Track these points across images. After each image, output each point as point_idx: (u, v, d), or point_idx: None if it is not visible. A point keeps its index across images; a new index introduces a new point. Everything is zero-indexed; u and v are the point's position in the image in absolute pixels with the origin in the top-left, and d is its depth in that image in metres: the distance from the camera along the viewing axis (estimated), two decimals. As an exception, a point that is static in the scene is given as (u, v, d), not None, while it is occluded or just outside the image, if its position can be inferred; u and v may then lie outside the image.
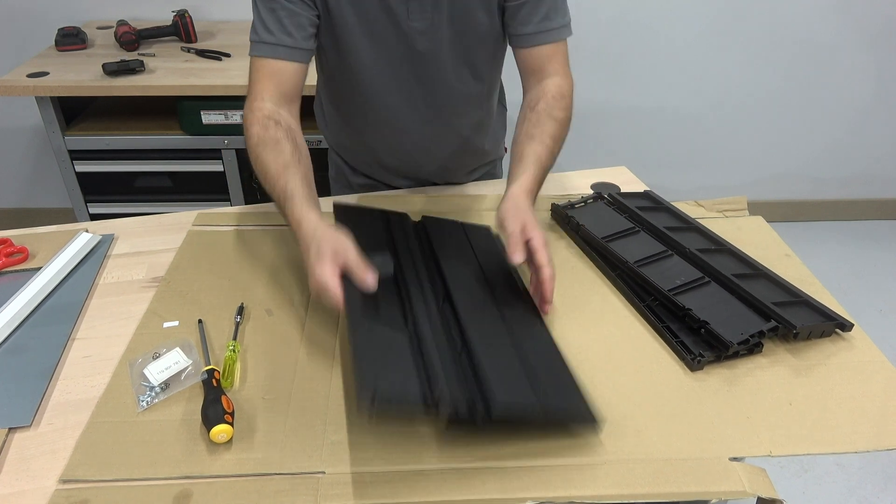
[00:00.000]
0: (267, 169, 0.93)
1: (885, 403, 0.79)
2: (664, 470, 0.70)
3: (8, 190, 2.51)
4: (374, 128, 1.17)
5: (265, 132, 0.96)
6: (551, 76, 1.06)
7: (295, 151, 0.95)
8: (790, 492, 1.68)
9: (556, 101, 1.04)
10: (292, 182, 0.90)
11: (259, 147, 0.95)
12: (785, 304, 0.89)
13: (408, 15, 1.00)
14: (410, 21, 1.01)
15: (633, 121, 2.47)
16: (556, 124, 1.02)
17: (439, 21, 1.02)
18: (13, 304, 0.91)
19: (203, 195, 1.95)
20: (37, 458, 0.71)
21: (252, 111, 0.98)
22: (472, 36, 1.05)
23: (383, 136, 1.18)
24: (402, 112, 1.13)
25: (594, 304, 0.95)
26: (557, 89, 1.05)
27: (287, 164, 0.93)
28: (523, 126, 1.03)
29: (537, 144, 0.99)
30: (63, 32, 1.91)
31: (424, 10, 1.00)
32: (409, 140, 1.17)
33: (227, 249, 1.05)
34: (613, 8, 2.23)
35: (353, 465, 0.70)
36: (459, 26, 1.03)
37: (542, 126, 1.02)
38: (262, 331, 0.89)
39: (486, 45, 1.08)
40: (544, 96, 1.04)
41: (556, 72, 1.06)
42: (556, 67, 1.07)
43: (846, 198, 2.73)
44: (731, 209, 1.17)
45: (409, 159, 1.22)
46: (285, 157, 0.93)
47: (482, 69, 1.12)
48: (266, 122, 0.97)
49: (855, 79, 2.42)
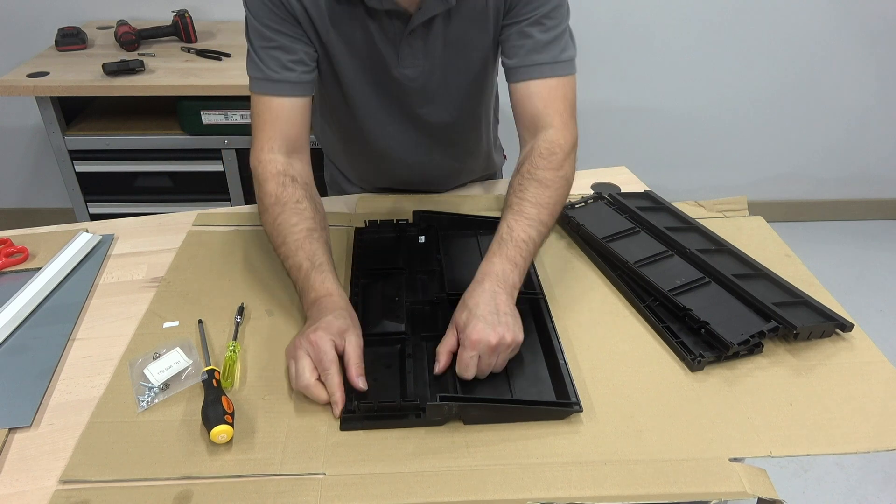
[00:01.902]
0: (288, 233, 0.88)
1: (885, 403, 0.79)
2: (664, 470, 0.70)
3: (8, 190, 2.51)
4: (367, 154, 1.15)
5: (283, 191, 0.91)
6: (545, 129, 0.93)
7: (316, 214, 0.92)
8: (790, 492, 1.68)
9: (544, 159, 0.91)
10: (318, 252, 0.87)
11: (277, 207, 0.90)
12: (785, 304, 0.89)
13: (398, 62, 0.98)
14: (401, 68, 0.99)
15: (633, 121, 2.47)
16: (540, 188, 0.90)
17: (430, 68, 0.99)
18: (13, 304, 0.91)
19: (203, 195, 1.95)
20: (37, 458, 0.71)
21: (262, 163, 0.93)
22: (466, 75, 1.03)
23: (376, 160, 1.17)
24: (395, 142, 1.11)
25: (594, 304, 0.95)
26: (548, 146, 0.92)
27: (311, 230, 0.89)
28: (514, 177, 0.94)
29: (516, 216, 0.88)
30: (63, 32, 1.91)
31: (416, 57, 0.98)
32: (403, 165, 1.16)
33: (227, 249, 1.05)
34: (613, 8, 2.23)
35: (353, 465, 0.70)
36: (452, 71, 1.01)
37: (522, 193, 0.90)
38: (262, 331, 0.89)
39: (479, 80, 1.06)
40: (530, 154, 0.92)
41: (551, 123, 0.93)
42: (552, 117, 0.93)
43: (846, 198, 2.73)
44: (731, 209, 1.17)
45: (401, 180, 1.21)
46: (308, 222, 0.89)
47: (475, 101, 1.10)
48: (283, 180, 0.92)
49: (855, 79, 2.42)
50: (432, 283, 0.95)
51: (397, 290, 0.94)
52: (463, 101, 1.08)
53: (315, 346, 0.76)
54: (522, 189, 0.90)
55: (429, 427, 0.75)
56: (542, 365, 0.83)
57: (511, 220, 0.88)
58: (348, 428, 0.74)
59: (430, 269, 0.98)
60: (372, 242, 1.04)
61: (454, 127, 1.11)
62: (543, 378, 0.81)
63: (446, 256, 1.00)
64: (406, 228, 1.07)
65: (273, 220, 0.90)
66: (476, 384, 0.79)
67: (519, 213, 0.88)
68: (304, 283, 0.85)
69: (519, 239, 0.86)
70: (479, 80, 1.06)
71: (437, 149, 1.14)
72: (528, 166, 0.92)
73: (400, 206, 1.16)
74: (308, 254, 0.86)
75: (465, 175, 1.26)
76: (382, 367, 0.82)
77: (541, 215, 0.88)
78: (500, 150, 1.35)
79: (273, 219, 0.90)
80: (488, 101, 1.15)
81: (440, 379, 0.79)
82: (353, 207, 1.16)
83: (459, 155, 1.18)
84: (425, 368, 0.81)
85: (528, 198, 0.89)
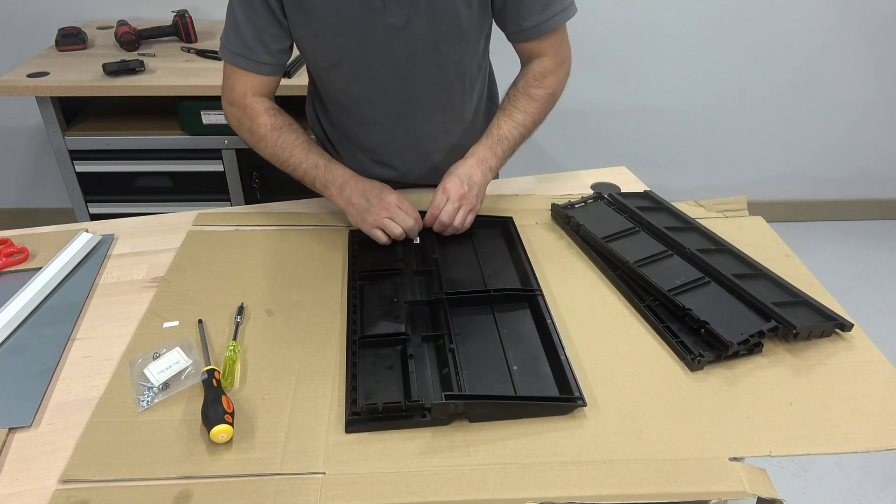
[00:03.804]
0: (293, 146, 1.07)
1: (885, 403, 0.79)
2: (664, 470, 0.70)
3: (8, 190, 2.51)
4: (360, 126, 1.17)
5: (275, 119, 1.08)
6: (540, 56, 1.11)
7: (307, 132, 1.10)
8: (790, 492, 1.68)
9: (536, 79, 1.10)
10: (324, 152, 1.08)
11: (275, 132, 1.07)
12: (785, 304, 0.89)
13: (384, 9, 0.99)
14: (387, 17, 1.00)
15: (633, 121, 2.47)
16: (530, 101, 1.09)
17: (416, 16, 1.01)
18: (13, 304, 0.91)
19: (203, 195, 1.95)
20: (37, 458, 0.71)
21: (249, 105, 1.08)
22: (452, 31, 1.04)
23: (369, 134, 1.17)
24: (386, 110, 1.13)
25: (594, 304, 0.95)
26: (540, 69, 1.10)
27: (310, 142, 1.08)
28: (505, 98, 1.12)
29: (506, 120, 1.08)
30: (63, 32, 1.91)
31: (401, 4, 1.00)
32: (395, 140, 1.17)
33: (227, 249, 1.05)
34: (613, 8, 2.23)
35: (353, 465, 0.70)
36: (439, 21, 1.02)
37: (514, 101, 1.10)
38: (262, 331, 0.89)
39: (468, 40, 1.07)
40: (525, 75, 1.11)
41: (546, 52, 1.10)
42: (550, 48, 1.10)
43: (846, 198, 2.73)
44: (731, 209, 1.17)
45: (397, 160, 1.21)
46: (305, 136, 1.08)
47: (463, 65, 1.10)
48: (272, 112, 1.09)
49: (855, 79, 2.42)
50: (430, 283, 0.95)
51: (395, 290, 0.94)
52: (449, 62, 1.08)
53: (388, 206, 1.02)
54: (515, 99, 1.10)
55: (434, 427, 0.75)
56: (544, 361, 0.83)
57: (501, 120, 1.09)
58: (354, 430, 0.74)
59: (426, 270, 0.98)
60: (368, 244, 1.04)
61: (442, 90, 1.11)
62: (546, 374, 0.81)
63: (442, 256, 1.01)
64: None
65: (275, 142, 1.07)
66: (480, 383, 0.79)
67: (508, 116, 1.09)
68: (325, 175, 1.06)
69: (503, 135, 1.08)
70: (468, 39, 1.07)
71: (424, 116, 1.14)
72: (522, 83, 1.11)
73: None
74: (319, 154, 1.07)
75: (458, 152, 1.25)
76: (385, 368, 0.82)
77: (525, 121, 1.09)
78: None
79: (275, 141, 1.07)
80: (475, 73, 1.16)
81: (443, 379, 0.79)
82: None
83: (448, 124, 1.18)
84: (427, 369, 0.82)
85: (517, 106, 1.10)
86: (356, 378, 0.79)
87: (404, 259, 1.01)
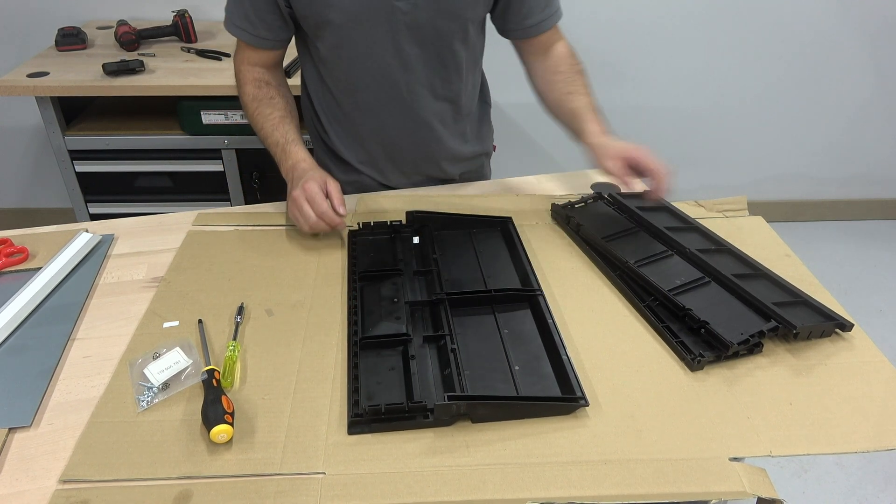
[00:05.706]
0: (265, 120, 1.12)
1: (885, 403, 0.79)
2: (664, 470, 0.70)
3: (8, 190, 2.51)
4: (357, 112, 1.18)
5: (258, 91, 1.15)
6: (554, 43, 1.19)
7: (287, 105, 1.15)
8: (790, 492, 1.68)
9: (572, 58, 1.19)
10: (290, 131, 1.11)
11: (254, 102, 1.14)
12: (785, 304, 0.89)
13: None
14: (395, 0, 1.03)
15: (633, 121, 2.47)
16: (584, 77, 1.18)
17: (424, 2, 1.03)
18: (13, 304, 0.91)
19: (203, 195, 1.95)
20: (37, 458, 0.71)
21: (242, 72, 1.17)
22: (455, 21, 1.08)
23: (366, 119, 1.19)
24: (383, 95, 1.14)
25: (594, 303, 0.95)
26: (567, 49, 1.19)
27: (283, 117, 1.13)
28: (555, 88, 1.17)
29: (582, 96, 1.14)
30: (63, 32, 1.91)
31: None
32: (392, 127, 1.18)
33: (227, 249, 1.05)
34: (613, 8, 2.23)
35: (353, 465, 0.70)
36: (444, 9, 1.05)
37: (575, 83, 1.16)
38: (262, 331, 0.89)
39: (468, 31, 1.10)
40: (562, 59, 1.18)
41: (557, 38, 1.19)
42: (556, 36, 1.19)
43: (846, 198, 2.73)
44: (731, 209, 1.17)
45: (392, 147, 1.22)
46: (280, 111, 1.13)
47: (461, 55, 1.13)
48: (258, 84, 1.15)
49: (855, 78, 2.42)
50: (430, 283, 0.95)
51: (395, 291, 0.94)
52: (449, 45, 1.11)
53: (309, 191, 1.00)
54: (574, 80, 1.17)
55: (426, 427, 0.75)
56: (546, 362, 0.83)
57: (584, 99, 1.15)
58: (356, 432, 0.74)
59: (426, 270, 0.98)
60: (367, 244, 1.04)
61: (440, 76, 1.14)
62: (547, 374, 0.81)
63: (442, 256, 1.00)
64: (400, 229, 1.07)
65: (253, 113, 1.14)
66: (482, 383, 0.79)
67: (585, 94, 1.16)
68: (281, 154, 1.10)
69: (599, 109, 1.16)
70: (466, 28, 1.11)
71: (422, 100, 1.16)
72: (565, 66, 1.18)
73: (395, 207, 1.16)
74: (282, 133, 1.11)
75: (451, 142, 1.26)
76: (386, 369, 0.81)
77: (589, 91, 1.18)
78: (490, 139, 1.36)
79: (253, 111, 1.14)
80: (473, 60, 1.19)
81: (445, 380, 0.79)
82: (352, 208, 1.16)
83: (444, 113, 1.20)
84: (429, 369, 0.82)
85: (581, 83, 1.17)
86: (358, 379, 0.79)
87: (404, 259, 1.01)
